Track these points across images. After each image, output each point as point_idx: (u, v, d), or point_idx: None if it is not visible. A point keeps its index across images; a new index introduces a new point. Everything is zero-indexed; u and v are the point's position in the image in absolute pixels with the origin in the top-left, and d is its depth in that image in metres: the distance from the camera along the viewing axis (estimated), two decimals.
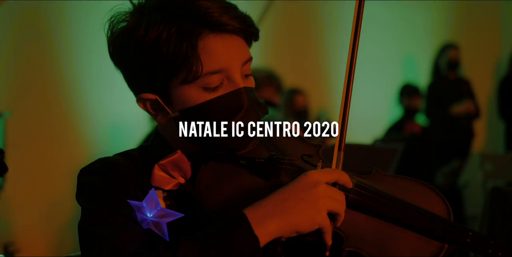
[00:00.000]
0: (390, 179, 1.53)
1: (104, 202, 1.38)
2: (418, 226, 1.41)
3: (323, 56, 7.06)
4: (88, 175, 1.45)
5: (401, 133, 6.19)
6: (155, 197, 1.39)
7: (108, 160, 1.47)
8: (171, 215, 1.39)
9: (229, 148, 1.43)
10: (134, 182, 1.44)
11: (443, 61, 7.00)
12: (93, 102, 5.10)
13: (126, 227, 1.35)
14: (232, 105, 1.39)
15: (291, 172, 1.47)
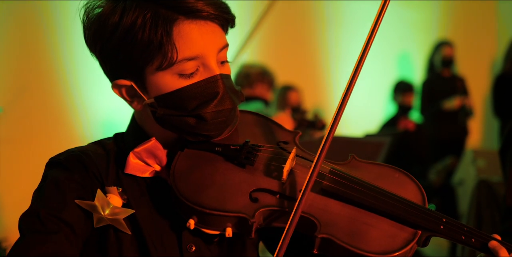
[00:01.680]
0: (366, 166, 1.53)
1: (48, 203, 1.38)
2: (392, 213, 1.41)
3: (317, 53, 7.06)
4: (51, 168, 1.46)
5: (394, 128, 6.19)
6: (114, 193, 1.41)
7: (75, 153, 1.47)
8: (124, 212, 1.40)
9: (204, 135, 1.43)
10: (96, 177, 1.44)
11: (438, 58, 7.02)
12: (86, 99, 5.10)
13: (51, 239, 1.34)
14: (207, 92, 1.39)
15: (266, 158, 1.47)
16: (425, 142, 6.54)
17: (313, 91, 6.82)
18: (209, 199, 1.39)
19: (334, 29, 7.20)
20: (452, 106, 6.71)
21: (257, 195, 1.41)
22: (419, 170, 6.05)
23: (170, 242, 1.43)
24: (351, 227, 1.39)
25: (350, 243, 1.36)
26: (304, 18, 7.01)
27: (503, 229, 2.45)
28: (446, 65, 7.01)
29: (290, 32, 6.86)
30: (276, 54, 6.58)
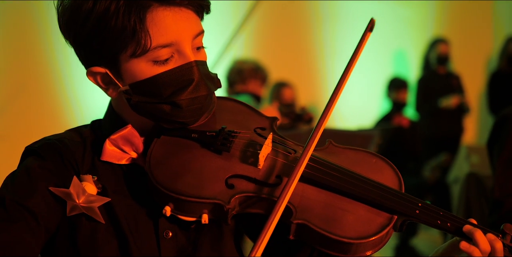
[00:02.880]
0: (343, 151, 1.53)
1: (16, 190, 1.38)
2: (368, 198, 1.41)
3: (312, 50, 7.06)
4: (27, 156, 1.46)
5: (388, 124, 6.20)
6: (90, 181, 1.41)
7: (51, 140, 1.47)
8: (99, 200, 1.40)
9: (180, 122, 1.42)
10: (72, 165, 1.44)
11: (433, 55, 7.02)
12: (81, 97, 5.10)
13: (12, 227, 1.34)
14: (182, 78, 1.39)
15: (242, 145, 1.47)
16: (420, 139, 6.54)
17: (307, 88, 6.82)
18: (185, 186, 1.38)
19: (329, 26, 7.20)
20: (449, 105, 6.71)
21: (233, 181, 1.41)
22: (413, 167, 6.05)
23: (146, 229, 1.43)
24: (327, 212, 1.39)
25: (325, 228, 1.36)
26: (299, 14, 7.01)
27: (491, 222, 2.45)
28: (441, 62, 7.01)
29: (285, 29, 6.86)
30: (270, 50, 6.58)
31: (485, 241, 1.36)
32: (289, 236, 1.38)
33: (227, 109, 1.57)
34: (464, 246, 1.37)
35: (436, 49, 6.99)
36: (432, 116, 6.79)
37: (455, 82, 7.10)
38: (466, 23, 8.13)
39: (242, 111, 1.58)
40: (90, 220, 1.41)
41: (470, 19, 8.14)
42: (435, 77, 6.99)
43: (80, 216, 1.40)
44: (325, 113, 1.43)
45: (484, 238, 1.37)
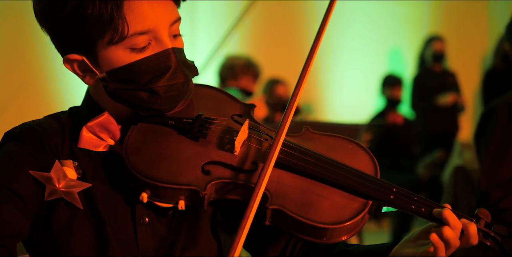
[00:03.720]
0: (320, 137, 1.54)
1: (0, 175, 1.40)
2: (343, 184, 1.42)
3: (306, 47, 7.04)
4: (6, 141, 1.46)
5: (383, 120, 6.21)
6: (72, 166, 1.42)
7: (30, 125, 1.48)
8: (80, 185, 1.41)
9: (156, 109, 1.43)
10: (52, 150, 1.45)
11: (429, 53, 7.02)
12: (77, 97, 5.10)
13: (5, 208, 1.36)
14: (159, 65, 1.39)
15: (219, 131, 1.48)
16: (414, 136, 6.55)
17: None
18: (161, 172, 1.39)
19: None
20: (446, 102, 6.72)
21: (209, 167, 1.42)
22: (408, 164, 6.06)
23: (123, 215, 1.44)
24: (302, 198, 1.40)
25: (300, 213, 1.37)
26: (294, 12, 7.02)
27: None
28: (437, 60, 7.02)
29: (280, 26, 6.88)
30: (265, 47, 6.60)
31: (454, 218, 1.36)
32: (265, 221, 1.39)
33: (205, 96, 1.57)
34: (435, 231, 1.38)
35: (432, 46, 7.00)
36: (428, 114, 6.80)
37: (451, 80, 7.11)
38: (461, 21, 8.14)
39: (220, 98, 1.58)
40: (68, 206, 1.41)
41: (465, 17, 8.16)
42: (431, 75, 7.00)
43: (58, 201, 1.41)
44: (295, 94, 1.44)
45: (453, 214, 1.37)
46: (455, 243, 1.36)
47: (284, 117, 1.42)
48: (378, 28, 7.66)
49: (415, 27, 7.96)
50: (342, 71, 7.39)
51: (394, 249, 1.44)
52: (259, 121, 1.56)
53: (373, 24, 7.56)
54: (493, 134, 2.55)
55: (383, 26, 7.66)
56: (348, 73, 7.40)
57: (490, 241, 1.40)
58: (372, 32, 7.57)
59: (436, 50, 6.98)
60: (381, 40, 7.69)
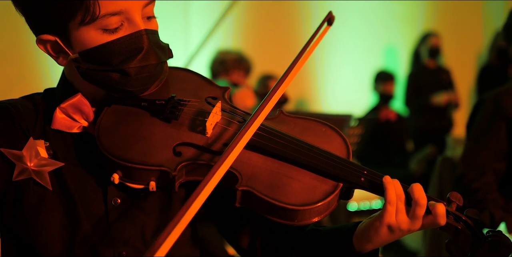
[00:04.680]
0: (293, 120, 1.54)
1: None
2: (314, 166, 1.42)
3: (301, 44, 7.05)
4: None
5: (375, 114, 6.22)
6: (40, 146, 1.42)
7: (4, 104, 1.48)
8: (52, 164, 1.41)
9: (128, 90, 1.43)
10: (23, 130, 1.45)
11: (424, 48, 7.01)
12: None
13: None
14: (131, 47, 1.39)
15: (192, 113, 1.48)
16: (407, 132, 6.55)
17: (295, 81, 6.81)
18: (132, 153, 1.39)
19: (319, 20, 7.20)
20: (440, 102, 6.72)
21: (181, 149, 1.42)
22: (400, 160, 6.06)
23: (95, 196, 1.44)
24: (272, 179, 1.40)
25: (270, 195, 1.37)
26: (288, 8, 7.02)
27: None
28: (433, 55, 7.00)
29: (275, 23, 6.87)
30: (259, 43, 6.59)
31: (391, 185, 1.38)
32: (236, 203, 1.39)
33: (180, 78, 1.57)
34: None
35: (428, 42, 6.99)
36: (422, 111, 6.80)
37: (445, 76, 7.11)
38: (456, 18, 8.14)
39: (195, 81, 1.58)
40: (38, 186, 1.42)
41: (459, 14, 8.16)
42: (425, 72, 6.99)
43: (27, 181, 1.41)
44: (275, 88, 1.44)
45: (392, 182, 1.38)
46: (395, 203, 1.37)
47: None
48: (373, 25, 7.65)
49: (410, 24, 7.96)
50: (337, 67, 7.39)
51: (359, 225, 1.44)
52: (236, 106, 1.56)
53: (368, 21, 7.56)
54: (478, 122, 2.63)
55: (378, 23, 7.66)
56: (343, 70, 7.40)
57: (461, 225, 1.40)
58: (367, 29, 7.57)
59: (432, 45, 6.97)
60: (376, 37, 7.68)
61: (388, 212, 1.37)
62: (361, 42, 7.54)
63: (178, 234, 1.16)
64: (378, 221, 1.38)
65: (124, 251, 1.44)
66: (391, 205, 1.37)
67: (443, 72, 7.10)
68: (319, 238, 1.49)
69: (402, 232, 1.38)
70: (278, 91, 1.47)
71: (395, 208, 1.37)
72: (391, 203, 1.37)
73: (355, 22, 7.43)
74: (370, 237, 1.40)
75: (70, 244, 1.41)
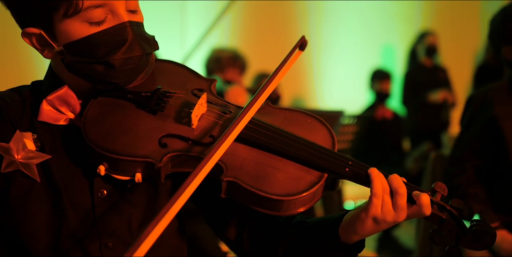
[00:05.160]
0: (279, 111, 1.55)
1: None
2: (299, 156, 1.43)
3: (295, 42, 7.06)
4: None
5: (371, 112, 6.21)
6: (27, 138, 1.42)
7: None
8: (39, 156, 1.41)
9: (113, 82, 1.43)
10: (11, 122, 1.46)
11: (421, 47, 7.00)
12: None
13: None
14: (115, 39, 1.40)
15: (177, 105, 1.48)
16: (403, 130, 6.55)
17: (291, 81, 6.83)
18: (118, 145, 1.40)
19: (316, 19, 7.22)
20: (437, 99, 6.71)
21: (166, 140, 1.43)
22: (397, 158, 6.06)
23: (81, 188, 1.45)
24: (257, 170, 1.41)
25: (255, 185, 1.37)
26: (285, 7, 7.02)
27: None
28: (430, 54, 6.99)
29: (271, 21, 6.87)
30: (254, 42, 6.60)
31: (378, 179, 1.38)
32: (221, 194, 1.39)
33: (166, 71, 1.58)
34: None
35: (425, 40, 6.98)
36: (419, 110, 6.80)
37: (442, 75, 7.10)
38: (453, 17, 8.15)
39: (181, 73, 1.59)
40: (26, 178, 1.42)
41: (457, 13, 8.17)
42: (422, 71, 6.98)
43: (15, 173, 1.42)
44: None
45: (378, 176, 1.39)
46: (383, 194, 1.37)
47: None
48: (370, 24, 7.66)
49: (407, 23, 7.96)
50: (334, 66, 7.39)
51: (345, 216, 1.45)
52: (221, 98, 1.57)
53: (365, 20, 7.57)
54: (465, 118, 2.67)
55: (375, 22, 7.66)
56: (340, 69, 7.41)
57: (445, 214, 1.40)
58: (364, 28, 7.57)
59: (429, 44, 6.95)
60: (373, 36, 7.69)
61: (374, 204, 1.37)
62: (359, 41, 7.54)
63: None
64: (364, 213, 1.39)
65: (110, 242, 1.45)
66: (376, 198, 1.37)
67: (440, 70, 7.09)
68: (306, 229, 1.50)
69: (388, 223, 1.39)
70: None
71: (380, 201, 1.38)
72: (376, 195, 1.37)
73: (352, 20, 7.43)
74: (355, 228, 1.41)
75: (56, 235, 1.42)
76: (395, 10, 7.84)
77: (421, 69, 6.99)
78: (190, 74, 1.59)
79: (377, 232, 1.44)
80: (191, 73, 1.59)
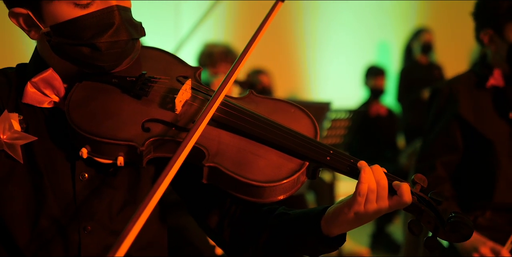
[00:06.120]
0: (263, 100, 1.56)
1: None
2: (281, 144, 1.43)
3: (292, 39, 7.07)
4: None
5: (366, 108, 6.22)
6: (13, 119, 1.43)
7: None
8: (24, 137, 1.42)
9: (99, 66, 1.44)
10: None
11: (417, 44, 7.01)
12: None
13: None
14: (102, 22, 1.40)
15: (162, 90, 1.49)
16: (397, 127, 6.56)
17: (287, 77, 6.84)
18: (101, 128, 1.41)
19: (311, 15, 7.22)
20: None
21: (149, 125, 1.43)
22: (391, 155, 6.07)
23: (63, 171, 1.45)
24: (239, 157, 1.42)
25: (236, 171, 1.38)
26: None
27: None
28: (425, 51, 6.99)
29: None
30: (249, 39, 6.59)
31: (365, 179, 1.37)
32: (203, 180, 1.40)
33: (152, 57, 1.59)
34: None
35: (420, 38, 6.98)
36: (414, 107, 6.80)
37: (437, 72, 7.11)
38: (448, 14, 8.15)
39: (167, 60, 1.60)
40: (9, 158, 1.43)
41: (452, 10, 8.16)
42: (417, 68, 6.99)
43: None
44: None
45: (369, 168, 1.38)
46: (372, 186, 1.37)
47: (226, 78, 1.43)
48: (365, 21, 7.66)
49: (402, 20, 7.97)
50: (329, 63, 7.40)
51: (328, 209, 1.45)
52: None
53: (360, 17, 7.57)
54: (430, 114, 2.60)
55: (371, 19, 7.67)
56: (336, 66, 7.41)
57: (425, 206, 1.41)
58: (359, 25, 7.58)
59: (425, 40, 6.95)
60: (368, 33, 7.69)
61: (358, 202, 1.37)
62: (354, 38, 7.55)
63: (151, 210, 1.17)
64: (347, 208, 1.39)
65: (89, 226, 1.45)
66: (361, 197, 1.37)
67: (435, 68, 7.10)
68: (288, 221, 1.50)
69: (370, 218, 1.40)
70: (239, 67, 1.48)
71: (364, 199, 1.37)
72: (361, 194, 1.37)
73: (347, 17, 7.44)
74: (338, 222, 1.41)
75: (35, 217, 1.43)
76: (390, 7, 7.84)
77: (416, 67, 6.99)
78: (176, 61, 1.60)
79: (359, 226, 1.44)
80: (177, 61, 1.60)
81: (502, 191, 2.45)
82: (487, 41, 2.54)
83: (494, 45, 2.53)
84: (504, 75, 2.53)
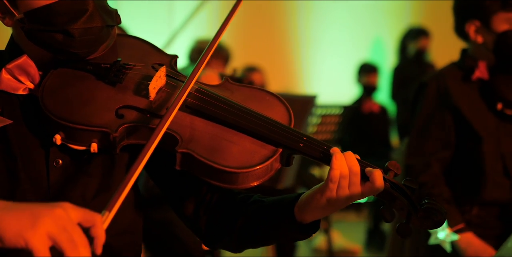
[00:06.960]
0: (238, 88, 1.57)
1: None
2: (254, 131, 1.44)
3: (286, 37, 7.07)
4: None
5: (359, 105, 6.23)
6: None
7: None
8: (1, 121, 1.42)
9: (72, 52, 1.43)
10: None
11: (413, 46, 6.97)
12: None
13: None
14: (76, 8, 1.40)
15: (137, 77, 1.49)
16: (390, 124, 6.57)
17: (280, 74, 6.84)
18: (75, 115, 1.41)
19: (304, 13, 7.22)
20: None
21: (123, 111, 1.44)
22: (384, 151, 6.07)
23: (37, 157, 1.45)
24: (212, 143, 1.42)
25: (209, 158, 1.39)
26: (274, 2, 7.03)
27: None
28: (419, 55, 6.98)
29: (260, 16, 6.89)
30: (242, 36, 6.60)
31: (337, 165, 1.37)
32: (176, 166, 1.40)
33: (129, 45, 1.59)
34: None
35: (418, 41, 6.93)
36: (407, 104, 6.79)
37: (430, 70, 7.09)
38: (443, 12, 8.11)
39: (143, 48, 1.60)
40: None
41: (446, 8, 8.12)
42: (411, 66, 6.99)
43: None
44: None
45: (341, 154, 1.38)
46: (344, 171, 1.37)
47: (197, 64, 1.44)
48: (359, 19, 7.67)
49: (396, 17, 7.97)
50: (323, 61, 7.41)
51: (301, 196, 1.45)
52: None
53: (354, 15, 7.58)
54: (421, 109, 2.56)
55: (365, 17, 7.67)
56: (330, 63, 7.42)
57: (397, 192, 1.41)
58: (353, 23, 7.58)
59: (421, 46, 6.92)
60: (362, 30, 7.70)
61: (329, 188, 1.38)
62: (348, 35, 7.55)
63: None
64: (319, 194, 1.40)
65: None
66: (333, 183, 1.38)
67: (428, 66, 7.09)
68: (262, 208, 1.50)
69: (342, 204, 1.40)
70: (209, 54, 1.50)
71: (336, 185, 1.38)
72: (333, 181, 1.38)
73: (342, 14, 7.44)
74: (310, 208, 1.42)
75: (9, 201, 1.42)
76: (384, 4, 7.85)
77: (410, 64, 6.99)
78: (152, 49, 1.60)
79: (332, 213, 1.45)
80: (153, 49, 1.60)
81: (489, 186, 2.44)
82: (472, 33, 2.53)
83: (480, 37, 2.51)
84: (489, 67, 2.52)
